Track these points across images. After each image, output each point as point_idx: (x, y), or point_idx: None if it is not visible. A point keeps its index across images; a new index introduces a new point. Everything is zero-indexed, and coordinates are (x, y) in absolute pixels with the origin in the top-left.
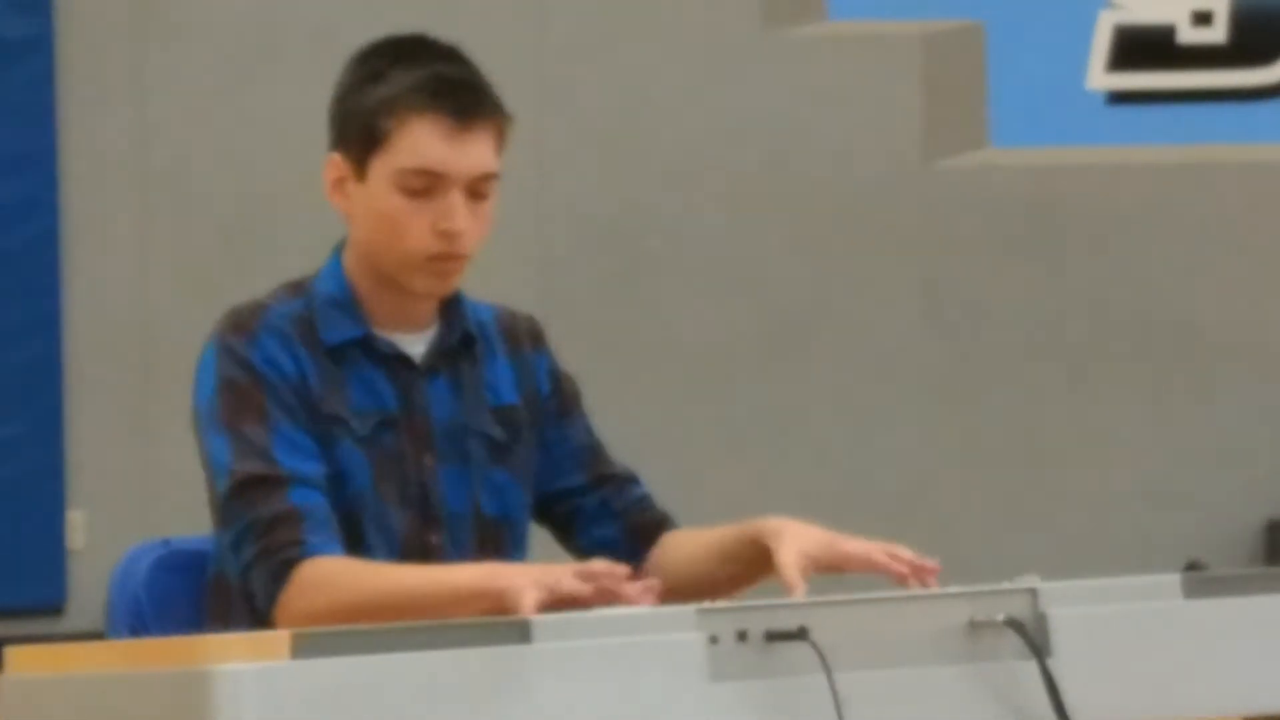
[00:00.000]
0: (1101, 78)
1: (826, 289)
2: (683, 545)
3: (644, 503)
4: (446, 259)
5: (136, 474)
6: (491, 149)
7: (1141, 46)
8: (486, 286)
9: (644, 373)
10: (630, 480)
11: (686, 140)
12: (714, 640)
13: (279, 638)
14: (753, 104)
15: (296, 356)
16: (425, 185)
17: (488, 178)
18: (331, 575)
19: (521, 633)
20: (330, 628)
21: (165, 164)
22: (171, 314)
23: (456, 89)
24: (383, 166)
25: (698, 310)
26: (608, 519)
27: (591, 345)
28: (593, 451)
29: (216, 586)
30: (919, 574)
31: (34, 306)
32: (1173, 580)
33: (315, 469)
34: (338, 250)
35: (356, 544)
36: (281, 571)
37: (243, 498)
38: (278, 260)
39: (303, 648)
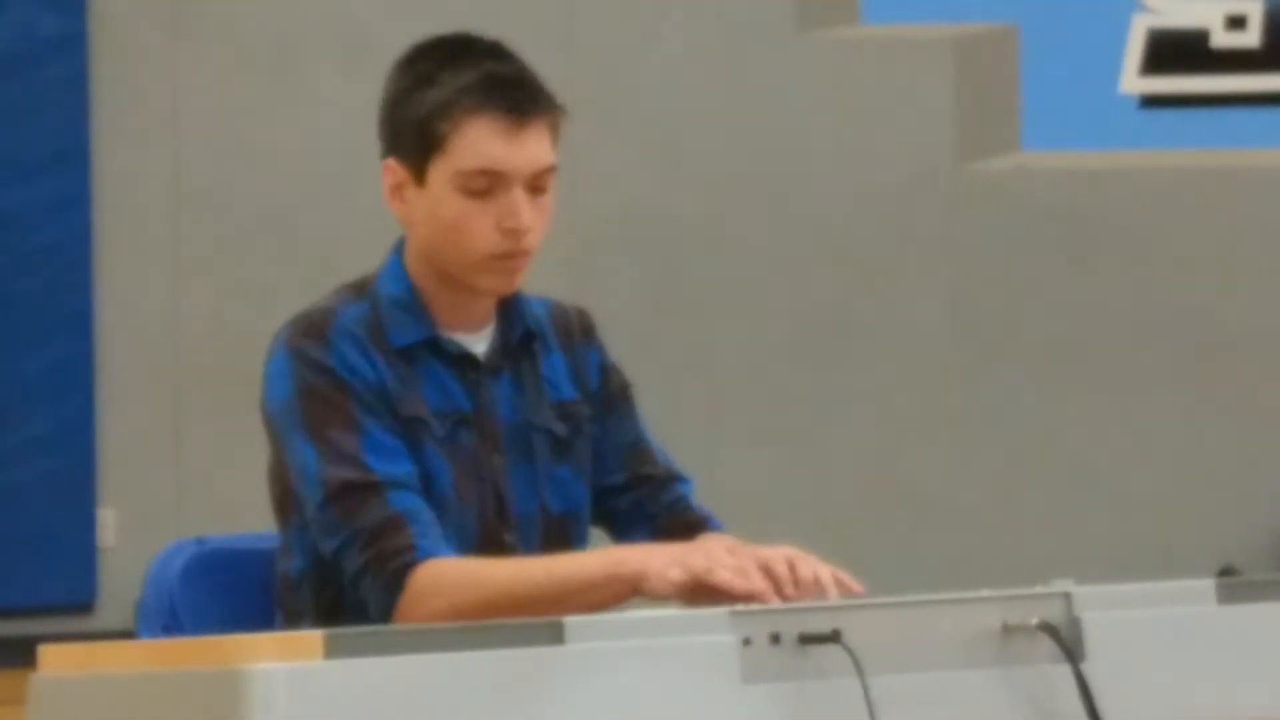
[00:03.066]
0: (1134, 81)
1: (857, 291)
2: None
3: (678, 505)
4: (512, 256)
5: (167, 472)
6: (548, 142)
7: (1175, 50)
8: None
9: (673, 374)
10: (672, 480)
11: (718, 142)
12: (747, 642)
13: (312, 637)
14: (785, 107)
15: (372, 359)
16: (486, 185)
17: (547, 171)
18: (451, 577)
19: (555, 634)
20: (361, 627)
21: (198, 162)
22: (203, 313)
23: (509, 86)
24: (442, 170)
25: (727, 311)
26: (641, 522)
27: (620, 347)
28: (634, 450)
29: (287, 584)
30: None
31: (66, 305)
32: (1207, 585)
33: (407, 470)
34: (397, 251)
35: None
36: (396, 579)
37: (340, 505)
38: (310, 259)
39: (336, 648)
